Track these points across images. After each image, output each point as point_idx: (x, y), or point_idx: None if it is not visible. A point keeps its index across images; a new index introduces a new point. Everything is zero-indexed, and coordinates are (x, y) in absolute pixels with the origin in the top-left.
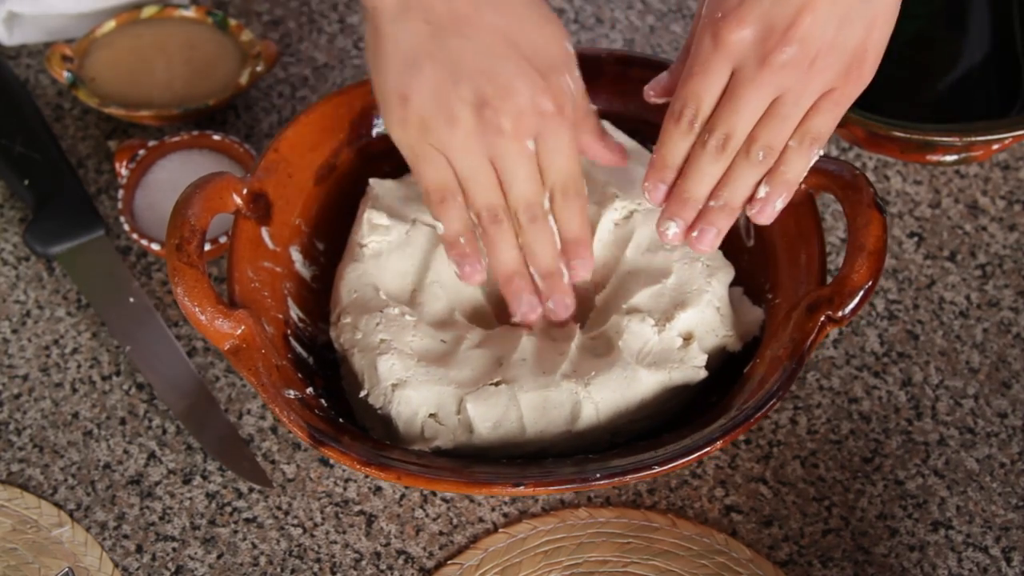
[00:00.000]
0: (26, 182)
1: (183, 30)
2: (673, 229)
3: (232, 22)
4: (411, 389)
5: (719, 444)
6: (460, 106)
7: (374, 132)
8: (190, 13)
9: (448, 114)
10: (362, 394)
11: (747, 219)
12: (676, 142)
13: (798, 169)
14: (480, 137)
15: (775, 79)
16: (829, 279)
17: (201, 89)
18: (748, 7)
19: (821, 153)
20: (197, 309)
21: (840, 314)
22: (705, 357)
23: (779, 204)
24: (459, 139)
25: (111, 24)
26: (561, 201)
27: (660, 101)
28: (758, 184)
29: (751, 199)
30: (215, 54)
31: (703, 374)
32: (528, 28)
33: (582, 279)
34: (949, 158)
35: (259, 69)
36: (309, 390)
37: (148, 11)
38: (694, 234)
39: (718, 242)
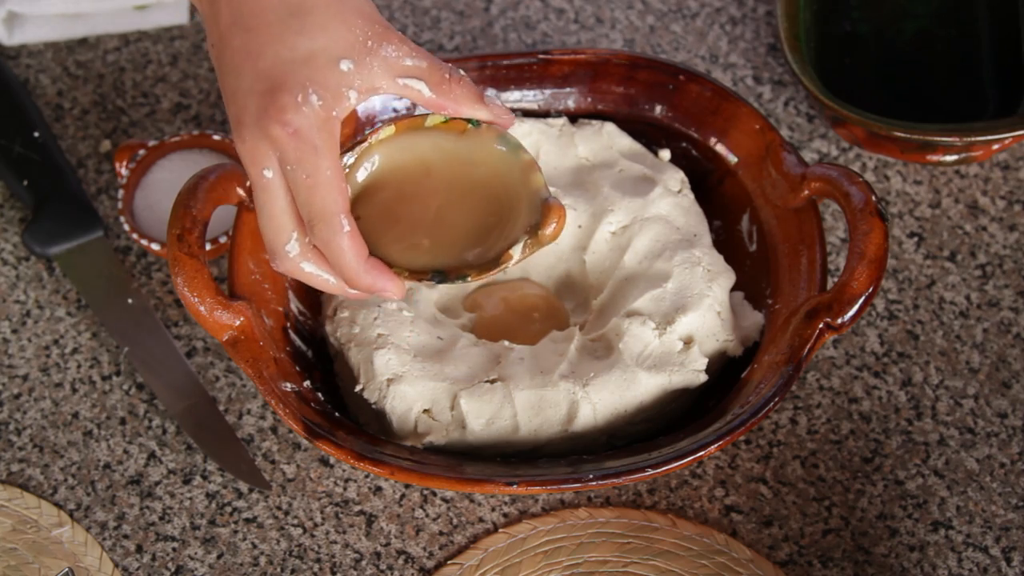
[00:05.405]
0: (25, 182)
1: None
2: None
3: None
4: (406, 384)
5: (713, 448)
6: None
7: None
8: None
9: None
10: (357, 388)
11: (750, 224)
12: None
13: None
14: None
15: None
16: (832, 282)
17: None
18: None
19: None
20: (196, 299)
21: (839, 321)
22: (706, 361)
23: None
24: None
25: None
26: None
27: None
28: None
29: None
30: None
31: (703, 378)
32: (276, 46)
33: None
34: (949, 158)
35: None
36: (307, 383)
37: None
38: None
39: None
